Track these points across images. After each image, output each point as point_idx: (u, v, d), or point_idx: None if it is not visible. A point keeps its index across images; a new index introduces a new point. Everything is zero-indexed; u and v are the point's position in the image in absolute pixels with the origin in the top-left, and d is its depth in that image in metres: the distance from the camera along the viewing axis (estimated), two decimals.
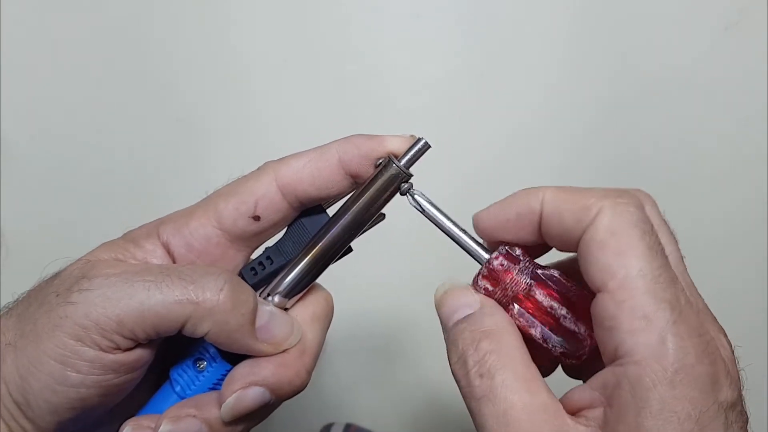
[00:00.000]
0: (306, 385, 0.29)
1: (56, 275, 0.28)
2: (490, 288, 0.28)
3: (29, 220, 0.60)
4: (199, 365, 0.29)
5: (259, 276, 0.30)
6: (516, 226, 0.28)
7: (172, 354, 0.30)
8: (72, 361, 0.25)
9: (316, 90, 0.59)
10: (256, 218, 0.29)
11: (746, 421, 0.24)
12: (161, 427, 0.26)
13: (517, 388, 0.24)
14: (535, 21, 0.58)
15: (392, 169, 0.28)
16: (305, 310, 0.30)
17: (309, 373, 0.30)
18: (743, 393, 0.25)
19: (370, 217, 0.29)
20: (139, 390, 0.29)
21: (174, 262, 0.29)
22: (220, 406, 0.27)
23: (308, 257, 0.29)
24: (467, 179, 0.59)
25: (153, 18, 0.58)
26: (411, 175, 0.29)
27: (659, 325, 0.23)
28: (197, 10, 0.59)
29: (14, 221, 0.59)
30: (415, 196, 0.29)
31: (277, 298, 0.29)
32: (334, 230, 0.29)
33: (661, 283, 0.24)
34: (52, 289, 0.26)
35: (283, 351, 0.29)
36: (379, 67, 0.59)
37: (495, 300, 0.28)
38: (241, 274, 0.30)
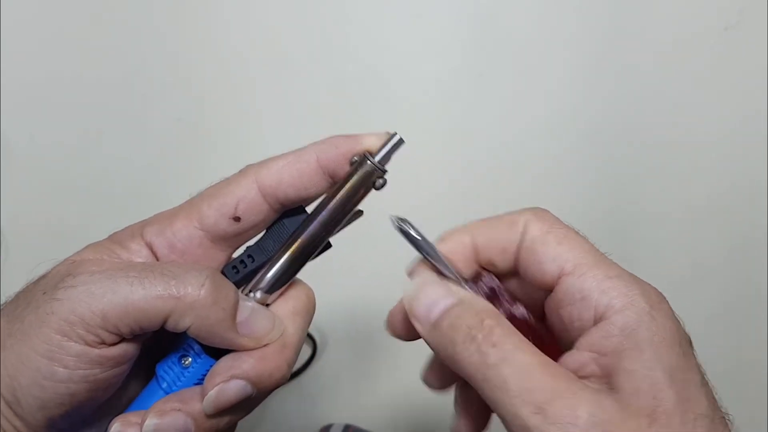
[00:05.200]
0: (287, 379, 0.30)
1: (43, 276, 0.29)
2: None
3: (29, 220, 0.60)
4: (184, 361, 0.29)
5: (240, 274, 0.30)
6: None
7: (160, 350, 0.30)
8: (58, 356, 0.25)
9: (316, 90, 0.59)
10: (237, 219, 0.30)
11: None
12: (147, 422, 0.27)
13: (530, 351, 0.25)
14: (535, 21, 0.58)
15: (367, 166, 0.29)
16: (286, 305, 0.31)
17: (290, 367, 0.30)
18: None
19: (346, 213, 0.30)
20: (128, 387, 0.30)
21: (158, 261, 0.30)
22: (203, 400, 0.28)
23: (287, 254, 0.30)
24: (467, 179, 0.59)
25: (153, 18, 0.59)
26: (385, 171, 0.30)
27: (627, 280, 0.26)
28: (197, 10, 0.59)
29: (14, 221, 0.59)
30: (402, 226, 0.29)
31: (258, 294, 0.30)
32: (312, 227, 0.30)
33: (606, 257, 0.28)
34: (39, 288, 0.27)
35: (264, 345, 0.29)
36: (379, 67, 0.59)
37: None
38: (223, 273, 0.30)
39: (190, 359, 0.29)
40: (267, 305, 0.30)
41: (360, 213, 0.31)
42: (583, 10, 0.58)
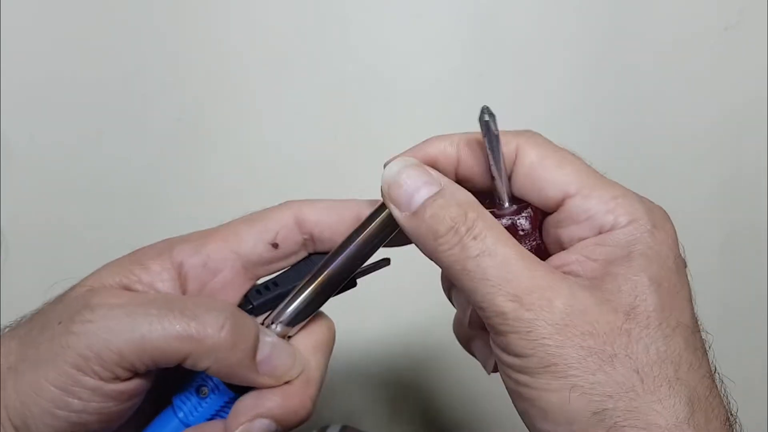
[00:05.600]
0: (311, 415, 0.30)
1: (60, 299, 0.28)
2: None
3: (29, 220, 0.60)
4: (202, 392, 0.29)
5: (263, 297, 0.31)
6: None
7: (172, 377, 0.30)
8: (73, 388, 0.25)
9: (316, 90, 0.59)
10: (275, 246, 0.30)
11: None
12: None
13: (512, 244, 0.25)
14: (535, 21, 0.58)
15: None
16: (308, 339, 0.31)
17: (314, 403, 0.30)
18: None
19: (374, 249, 0.30)
20: (137, 412, 0.30)
21: (185, 282, 0.29)
22: None
23: (312, 286, 0.30)
24: None
25: (153, 18, 0.58)
26: None
27: (632, 199, 0.27)
28: (197, 10, 0.59)
29: (14, 221, 0.59)
30: (489, 121, 0.28)
31: (279, 327, 0.29)
32: (339, 260, 0.30)
33: (606, 177, 0.28)
34: (55, 316, 0.27)
35: (285, 383, 0.29)
36: (379, 67, 0.59)
37: None
38: (246, 296, 0.31)
39: (207, 390, 0.29)
40: (288, 337, 0.30)
41: (387, 262, 0.33)
42: (583, 10, 0.58)
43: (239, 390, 0.29)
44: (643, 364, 0.23)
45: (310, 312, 0.30)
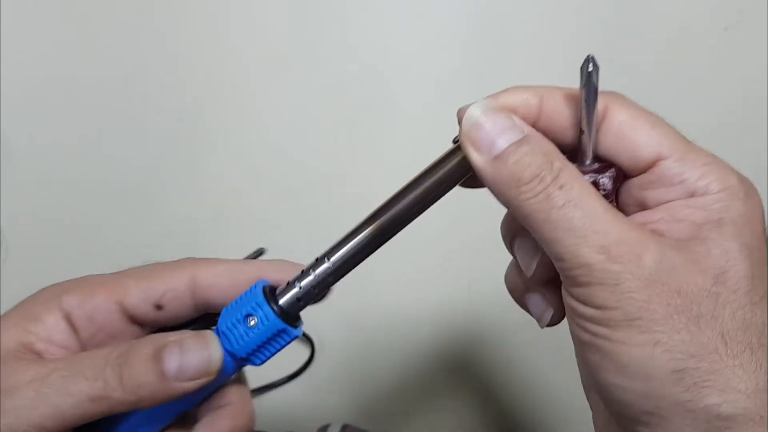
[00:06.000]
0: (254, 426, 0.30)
1: None
2: None
3: (29, 220, 0.60)
4: (250, 321, 0.28)
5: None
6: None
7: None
8: None
9: (316, 90, 0.59)
10: (159, 308, 0.30)
11: None
12: None
13: (598, 197, 0.25)
14: (534, 21, 0.58)
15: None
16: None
17: (254, 413, 0.30)
18: None
19: (439, 195, 0.29)
20: None
21: (77, 332, 0.29)
22: None
23: (372, 226, 0.28)
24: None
25: (153, 17, 0.59)
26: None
27: (723, 166, 0.26)
28: (197, 10, 0.59)
29: (14, 221, 0.59)
30: (592, 74, 0.27)
31: (329, 264, 0.28)
32: (404, 203, 0.28)
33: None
34: None
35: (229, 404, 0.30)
36: (379, 67, 0.59)
37: None
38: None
39: (256, 320, 0.28)
40: (329, 285, 0.29)
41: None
42: (583, 10, 0.58)
43: (289, 321, 0.28)
44: (728, 328, 0.23)
45: (364, 255, 0.29)
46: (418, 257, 0.59)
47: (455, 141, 0.28)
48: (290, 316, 0.29)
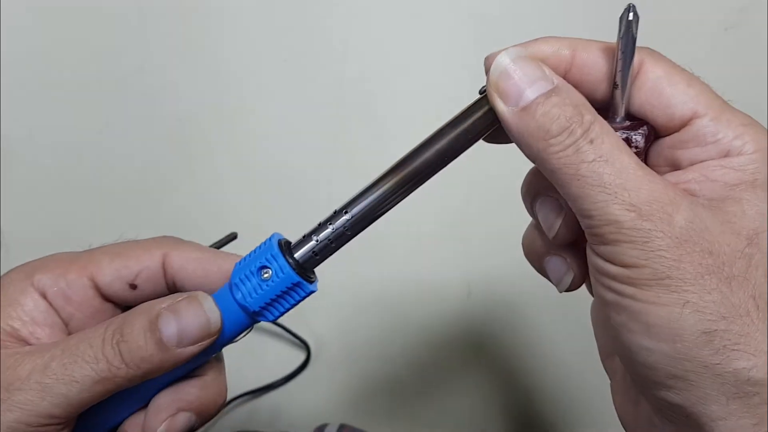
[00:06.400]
0: (224, 404, 0.30)
1: None
2: None
3: (29, 220, 0.60)
4: (264, 273, 0.28)
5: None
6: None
7: None
8: None
9: (316, 90, 0.59)
10: (133, 287, 0.29)
11: None
12: None
13: (629, 153, 0.24)
14: (534, 20, 0.58)
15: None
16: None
17: (226, 389, 0.30)
18: None
19: (465, 147, 0.28)
20: None
21: (55, 310, 0.29)
22: None
23: (396, 179, 0.28)
24: (467, 178, 0.59)
25: (153, 18, 0.59)
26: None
27: (759, 128, 0.25)
28: (197, 10, 0.59)
29: (14, 221, 0.59)
30: (632, 23, 0.26)
31: (348, 217, 0.27)
32: (429, 154, 0.28)
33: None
34: None
35: (207, 364, 0.29)
36: (379, 66, 0.59)
37: None
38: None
39: (271, 272, 0.28)
40: (349, 235, 0.28)
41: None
42: (582, 10, 0.58)
43: (304, 275, 0.28)
44: (761, 291, 0.22)
45: (384, 209, 0.28)
46: (420, 258, 0.59)
47: (482, 91, 0.27)
48: (306, 270, 0.28)
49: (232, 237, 0.54)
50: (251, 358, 0.60)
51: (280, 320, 0.58)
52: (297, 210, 0.60)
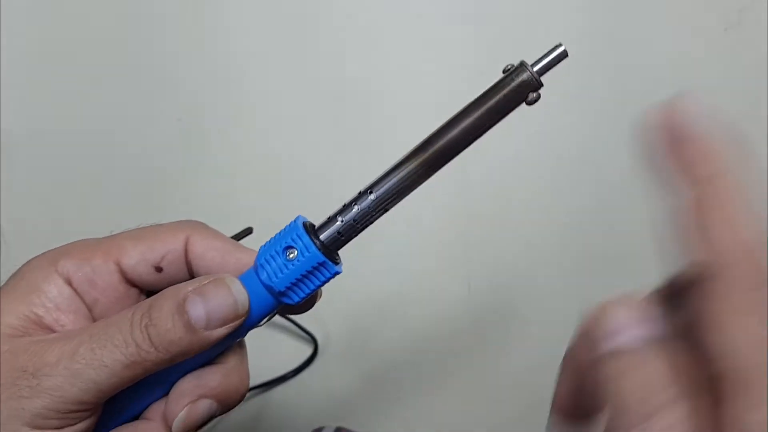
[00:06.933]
0: (246, 394, 0.30)
1: None
2: None
3: (29, 219, 0.60)
4: (289, 254, 0.28)
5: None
6: None
7: None
8: None
9: (316, 90, 0.59)
10: (159, 269, 0.29)
11: None
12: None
13: None
14: (534, 20, 0.58)
15: (524, 75, 0.27)
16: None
17: (248, 378, 0.30)
18: None
19: (490, 126, 0.28)
20: None
21: (80, 296, 0.29)
22: (167, 423, 0.27)
23: (422, 157, 0.28)
24: (467, 178, 0.59)
25: (153, 17, 0.59)
26: (542, 85, 0.28)
27: None
28: (197, 10, 0.59)
29: (14, 220, 0.59)
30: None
31: (373, 197, 0.28)
32: (453, 133, 0.28)
33: None
34: None
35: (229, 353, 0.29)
36: (379, 66, 0.59)
37: None
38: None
39: (296, 252, 0.28)
40: (372, 215, 0.28)
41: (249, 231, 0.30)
42: (583, 10, 0.58)
43: (329, 255, 0.28)
44: None
45: (410, 189, 0.28)
46: (421, 259, 0.59)
47: (505, 70, 0.27)
48: (331, 251, 0.28)
49: (248, 232, 0.54)
50: (258, 352, 0.60)
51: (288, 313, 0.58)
52: (299, 210, 0.60)
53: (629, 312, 0.20)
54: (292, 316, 0.59)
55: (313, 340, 0.60)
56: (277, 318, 0.59)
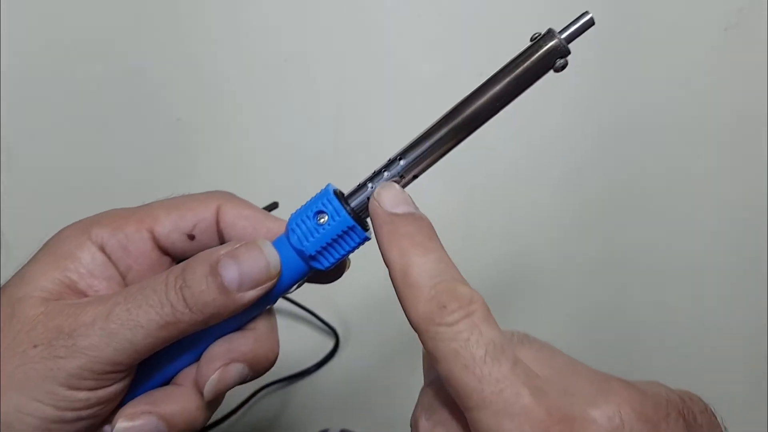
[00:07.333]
0: (275, 362, 0.30)
1: (11, 317, 0.26)
2: None
3: (29, 220, 0.60)
4: (320, 218, 0.28)
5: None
6: None
7: None
8: (66, 403, 0.25)
9: (316, 90, 0.59)
10: (192, 237, 0.29)
11: None
12: (117, 425, 0.26)
13: None
14: (534, 21, 0.58)
15: (552, 42, 0.28)
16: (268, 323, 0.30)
17: (278, 346, 0.30)
18: None
19: (518, 93, 0.28)
20: None
21: (113, 263, 0.29)
22: (199, 387, 0.27)
23: (451, 125, 0.28)
24: (467, 178, 0.59)
25: (153, 17, 0.59)
26: (569, 52, 0.28)
27: None
28: (197, 10, 0.59)
29: (14, 221, 0.59)
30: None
31: (403, 162, 0.28)
32: (481, 101, 0.28)
33: None
34: (24, 339, 0.26)
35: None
36: (379, 66, 0.59)
37: None
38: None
39: (327, 217, 0.28)
40: (406, 181, 0.28)
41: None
42: (583, 10, 0.58)
43: (360, 222, 0.28)
44: None
45: (439, 156, 0.29)
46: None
47: (533, 38, 0.28)
48: (361, 217, 0.29)
49: (274, 206, 0.53)
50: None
51: (309, 306, 0.58)
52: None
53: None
54: (312, 308, 0.59)
55: (335, 334, 0.60)
56: (298, 310, 0.59)
